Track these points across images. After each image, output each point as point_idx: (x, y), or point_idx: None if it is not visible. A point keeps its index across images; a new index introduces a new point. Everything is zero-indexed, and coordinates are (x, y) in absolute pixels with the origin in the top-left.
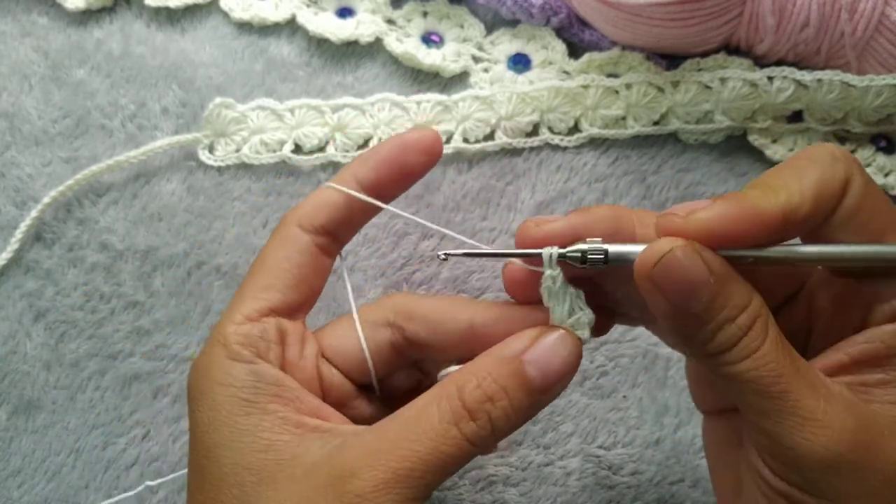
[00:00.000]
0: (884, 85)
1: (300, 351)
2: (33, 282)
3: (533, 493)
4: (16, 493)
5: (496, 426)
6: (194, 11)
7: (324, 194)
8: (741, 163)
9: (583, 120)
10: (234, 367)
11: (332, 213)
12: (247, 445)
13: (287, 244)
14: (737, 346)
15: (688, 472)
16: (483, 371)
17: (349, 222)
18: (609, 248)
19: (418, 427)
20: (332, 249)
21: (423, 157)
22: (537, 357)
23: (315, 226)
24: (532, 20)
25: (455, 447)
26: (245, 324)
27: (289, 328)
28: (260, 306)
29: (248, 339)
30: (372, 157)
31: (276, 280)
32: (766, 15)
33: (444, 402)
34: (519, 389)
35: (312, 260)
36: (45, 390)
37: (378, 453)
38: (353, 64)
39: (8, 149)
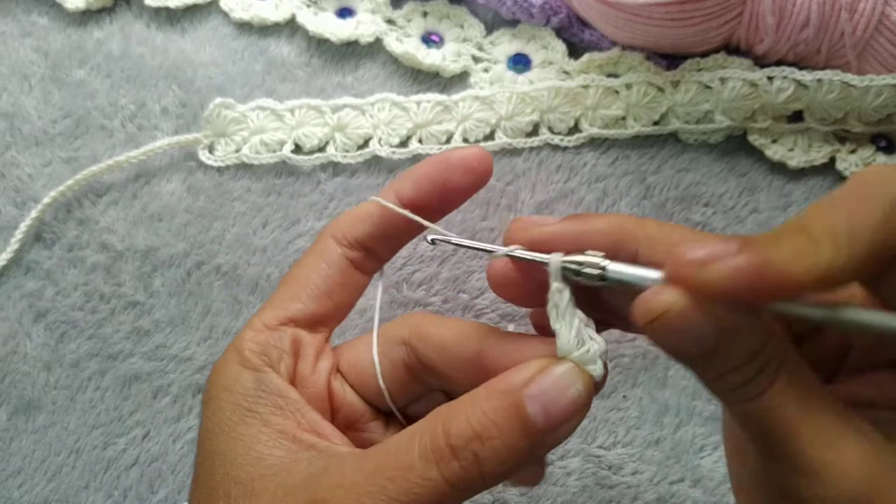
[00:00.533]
0: (884, 85)
1: (313, 364)
2: (33, 282)
3: (533, 492)
4: (16, 494)
5: (485, 468)
6: (194, 12)
7: (364, 207)
8: (741, 163)
9: (583, 120)
10: (242, 373)
11: (368, 228)
12: (239, 456)
13: (318, 256)
14: (738, 390)
15: (688, 472)
16: (474, 404)
17: (387, 238)
18: (609, 267)
19: (396, 462)
20: (368, 266)
21: (468, 175)
22: (540, 392)
23: (349, 239)
24: (532, 20)
25: (432, 490)
26: (262, 332)
27: (305, 340)
28: (279, 315)
29: (262, 347)
30: (414, 174)
31: (300, 291)
32: (766, 15)
33: (426, 437)
34: (515, 427)
35: (341, 273)
36: (45, 390)
37: (352, 485)
38: (353, 64)
39: (8, 149)
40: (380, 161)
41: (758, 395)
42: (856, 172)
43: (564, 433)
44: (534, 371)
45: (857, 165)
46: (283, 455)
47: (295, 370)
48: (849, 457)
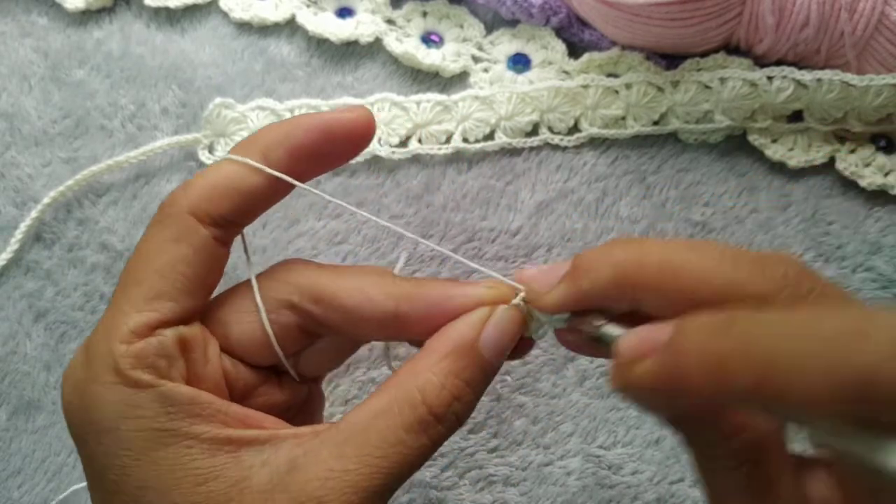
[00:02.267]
0: (883, 84)
1: (204, 357)
2: (33, 282)
3: (533, 492)
4: (16, 494)
5: (462, 418)
6: (194, 12)
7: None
8: (741, 162)
9: (582, 120)
10: (135, 395)
11: (236, 202)
12: (179, 482)
13: (181, 240)
14: None
15: (688, 472)
16: (443, 369)
17: (253, 208)
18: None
19: (383, 441)
20: (231, 236)
21: (350, 145)
22: (490, 337)
23: (214, 217)
24: (532, 20)
25: (421, 455)
26: (135, 341)
27: (188, 336)
28: (150, 319)
29: (144, 359)
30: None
31: (169, 286)
32: (765, 14)
33: (407, 410)
34: (480, 377)
35: (211, 258)
36: (45, 391)
37: (344, 474)
38: (352, 64)
39: (8, 149)
40: (380, 161)
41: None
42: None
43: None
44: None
45: (857, 165)
46: (226, 461)
47: (189, 371)
48: None
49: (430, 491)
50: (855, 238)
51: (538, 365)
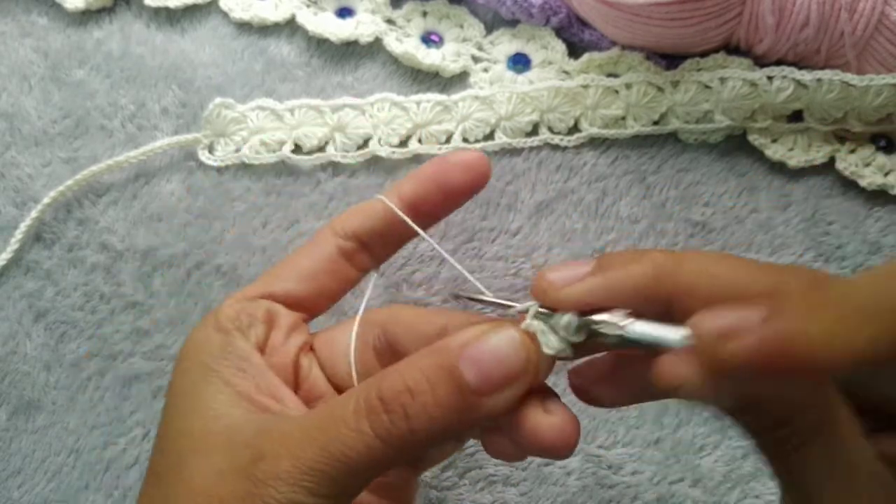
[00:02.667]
0: (883, 84)
1: (285, 337)
2: (33, 282)
3: (533, 492)
4: (16, 494)
5: (414, 424)
6: (194, 12)
7: (368, 204)
8: (741, 162)
9: (582, 120)
10: (213, 335)
11: (366, 222)
12: (197, 410)
13: (312, 244)
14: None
15: (688, 472)
16: (411, 361)
17: (384, 236)
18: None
19: (330, 416)
20: (359, 259)
21: (467, 175)
22: (477, 354)
23: (345, 230)
24: (532, 20)
25: (362, 443)
26: (240, 301)
27: (280, 312)
28: (260, 289)
29: (236, 312)
30: (416, 175)
31: (287, 272)
32: (765, 14)
33: (361, 391)
34: (446, 384)
35: (329, 260)
36: (45, 391)
37: (287, 439)
38: (352, 64)
39: (8, 149)
40: (380, 161)
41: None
42: None
43: (502, 401)
44: (471, 335)
45: (857, 165)
46: (238, 414)
47: (266, 339)
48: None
49: (430, 491)
50: (855, 238)
51: None
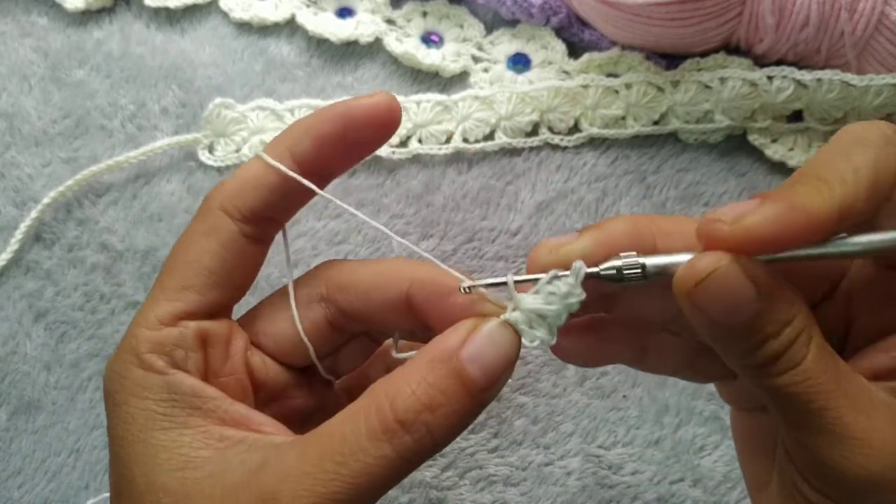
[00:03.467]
0: (883, 84)
1: (225, 352)
2: (33, 282)
3: (533, 492)
4: (16, 494)
5: (437, 436)
6: (194, 12)
7: (254, 170)
8: (741, 162)
9: (582, 120)
10: (147, 377)
11: (265, 196)
12: (163, 462)
13: (210, 234)
14: (778, 360)
15: (688, 472)
16: (416, 377)
17: (285, 204)
18: (647, 262)
19: (343, 446)
20: (267, 234)
21: (375, 131)
22: (476, 351)
23: (243, 212)
24: (532, 20)
25: (385, 467)
26: (159, 329)
27: (210, 330)
28: (176, 309)
29: (162, 347)
30: (313, 129)
31: (195, 278)
32: (765, 14)
33: (371, 416)
34: (460, 390)
35: (239, 253)
36: (45, 391)
37: (302, 477)
38: (352, 64)
39: (8, 149)
40: (380, 161)
41: (794, 366)
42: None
43: (500, 387)
44: (463, 333)
45: None
46: (210, 455)
47: (206, 364)
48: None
49: (430, 491)
50: None
51: (538, 365)
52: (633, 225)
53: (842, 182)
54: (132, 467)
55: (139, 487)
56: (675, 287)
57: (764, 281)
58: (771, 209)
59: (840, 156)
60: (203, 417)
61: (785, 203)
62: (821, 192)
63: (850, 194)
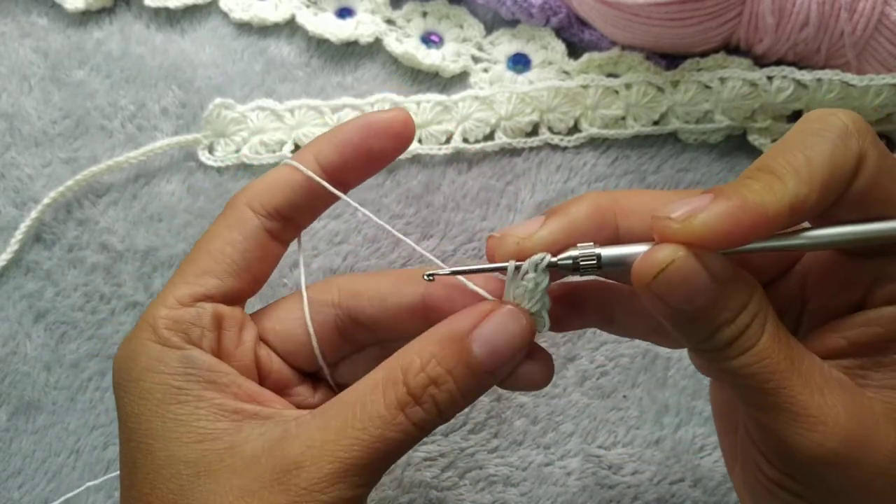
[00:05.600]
0: (883, 84)
1: (237, 337)
2: (33, 283)
3: (533, 492)
4: (16, 494)
5: (442, 409)
6: (194, 12)
7: (280, 173)
8: (741, 162)
9: (582, 120)
10: (164, 352)
11: (289, 196)
12: (181, 435)
13: (233, 226)
14: (733, 344)
15: (688, 472)
16: (427, 353)
17: (308, 207)
18: (602, 252)
19: (363, 414)
20: (286, 235)
21: (392, 141)
22: (485, 335)
23: (267, 209)
24: (532, 20)
25: (402, 433)
26: (177, 308)
27: (226, 314)
28: (194, 291)
29: (179, 324)
30: (336, 138)
31: (216, 265)
32: (765, 14)
33: (389, 387)
34: (464, 371)
35: (259, 246)
36: (45, 391)
37: (324, 444)
38: (352, 64)
39: (8, 150)
40: None
41: (749, 348)
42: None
43: (507, 371)
44: (479, 315)
45: None
46: (227, 427)
47: (220, 345)
48: (836, 402)
49: (431, 491)
50: None
51: None
52: (595, 208)
53: (795, 176)
54: (150, 441)
55: (158, 460)
56: (634, 278)
57: (719, 269)
58: (721, 207)
59: (796, 147)
60: (218, 391)
61: (735, 201)
62: (772, 189)
63: (803, 189)
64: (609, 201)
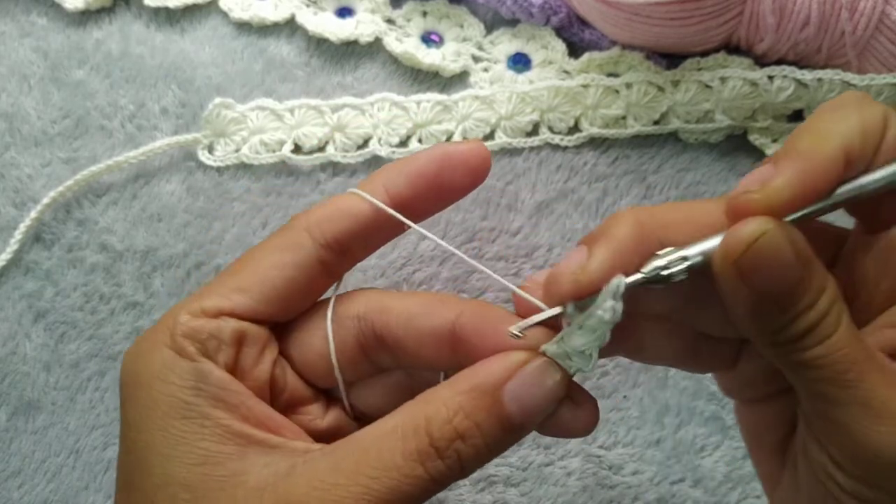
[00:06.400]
0: (884, 84)
1: (257, 358)
2: (33, 283)
3: (533, 493)
4: (16, 494)
5: (465, 464)
6: (193, 12)
7: (344, 201)
8: (742, 162)
9: (583, 119)
10: (177, 361)
11: (352, 227)
12: (181, 455)
13: (286, 250)
14: (813, 331)
15: (688, 472)
16: (455, 404)
17: (367, 239)
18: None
19: (378, 462)
20: (339, 268)
21: (468, 176)
22: (518, 389)
23: (327, 237)
24: (532, 20)
25: (418, 487)
26: (199, 317)
27: (249, 332)
28: (223, 305)
29: (198, 334)
30: (408, 168)
31: (256, 286)
32: (766, 14)
33: (409, 436)
34: (495, 426)
35: (309, 277)
36: (44, 391)
37: (333, 488)
38: (352, 64)
39: (7, 149)
40: (380, 161)
41: (829, 335)
42: None
43: (537, 423)
44: (511, 366)
45: None
46: (231, 452)
47: (236, 362)
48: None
49: None
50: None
51: None
52: (636, 225)
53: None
54: (149, 457)
55: (155, 479)
56: (720, 258)
57: (802, 246)
58: (792, 167)
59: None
60: (226, 411)
61: (798, 158)
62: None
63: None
64: (648, 216)
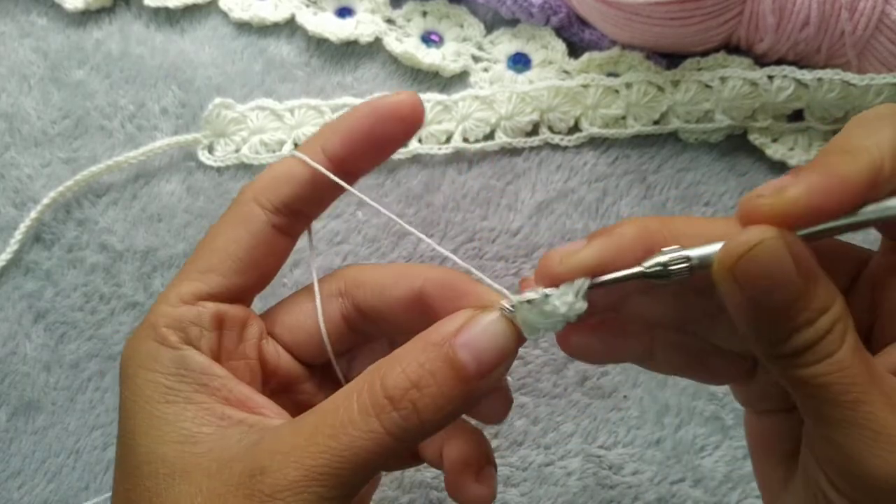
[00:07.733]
0: (884, 83)
1: (239, 336)
2: (33, 283)
3: (534, 493)
4: (16, 495)
5: (423, 416)
6: (193, 12)
7: (287, 166)
8: (741, 162)
9: (583, 119)
10: (160, 351)
11: (296, 190)
12: (164, 434)
13: (239, 223)
14: (812, 348)
15: (688, 472)
16: (409, 357)
17: (315, 199)
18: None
19: (335, 420)
20: (295, 228)
21: (400, 125)
22: (470, 340)
23: (274, 203)
24: (532, 20)
25: (374, 442)
26: (179, 306)
27: (228, 313)
28: (197, 289)
29: (179, 322)
30: (341, 127)
31: (221, 263)
32: (766, 14)
33: (364, 391)
34: (449, 375)
35: (266, 242)
36: (44, 391)
37: (291, 449)
38: (352, 64)
39: (7, 150)
40: None
41: (829, 355)
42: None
43: (494, 379)
44: (464, 320)
45: None
46: (211, 432)
47: (219, 345)
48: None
49: (431, 491)
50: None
51: (538, 365)
52: (643, 229)
53: (867, 151)
54: (136, 437)
55: (140, 457)
56: (718, 263)
57: (805, 261)
58: (811, 179)
59: (860, 130)
60: (208, 395)
61: (820, 172)
62: (850, 161)
63: (876, 160)
64: (658, 224)
